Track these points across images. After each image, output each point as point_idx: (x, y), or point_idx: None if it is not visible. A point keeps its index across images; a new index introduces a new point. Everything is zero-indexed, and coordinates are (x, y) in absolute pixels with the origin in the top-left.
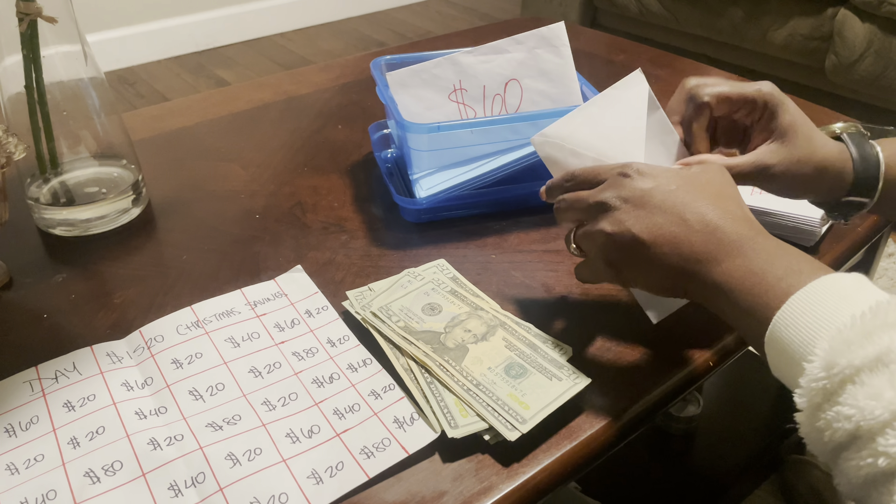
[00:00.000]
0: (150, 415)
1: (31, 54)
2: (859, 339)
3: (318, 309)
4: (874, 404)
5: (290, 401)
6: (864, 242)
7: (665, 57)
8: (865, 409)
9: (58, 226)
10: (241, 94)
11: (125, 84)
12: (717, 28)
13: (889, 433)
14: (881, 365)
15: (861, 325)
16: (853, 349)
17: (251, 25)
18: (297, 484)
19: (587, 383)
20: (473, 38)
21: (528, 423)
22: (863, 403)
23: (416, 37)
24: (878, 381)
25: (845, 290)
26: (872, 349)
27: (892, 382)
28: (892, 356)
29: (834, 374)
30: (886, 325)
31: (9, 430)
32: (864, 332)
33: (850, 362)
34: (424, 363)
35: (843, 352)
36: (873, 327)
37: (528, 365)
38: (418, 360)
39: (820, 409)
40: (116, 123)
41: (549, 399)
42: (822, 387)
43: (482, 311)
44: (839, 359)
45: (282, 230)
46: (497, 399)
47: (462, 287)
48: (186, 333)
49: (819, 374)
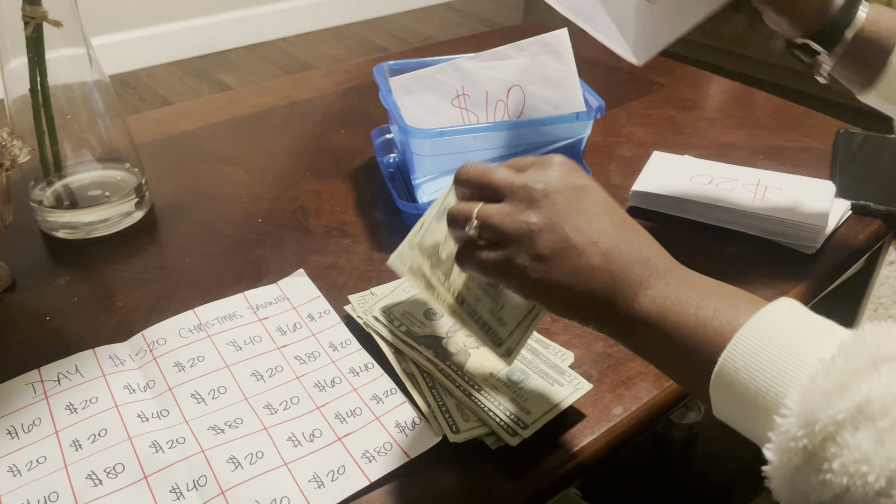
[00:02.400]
0: (152, 417)
1: (36, 57)
2: (836, 391)
3: (320, 313)
4: (866, 470)
5: (291, 404)
6: (864, 250)
7: (667, 64)
8: (856, 476)
9: (61, 228)
10: (244, 98)
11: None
12: (719, 35)
13: (885, 502)
14: (863, 419)
15: (834, 373)
16: (832, 402)
17: (254, 30)
18: (298, 488)
19: (588, 389)
20: (476, 44)
21: (529, 428)
22: (853, 469)
23: (419, 42)
24: (865, 443)
25: (789, 323)
26: (851, 401)
27: (880, 442)
28: (872, 408)
29: (815, 431)
30: (859, 371)
31: (11, 432)
32: (838, 381)
33: (831, 418)
34: (427, 367)
35: (822, 406)
36: (847, 374)
37: (529, 370)
38: (420, 364)
39: (800, 471)
40: (120, 127)
41: (550, 404)
42: (802, 447)
43: None
44: (818, 414)
45: (284, 234)
46: (499, 404)
47: None
48: (189, 337)
49: (797, 433)
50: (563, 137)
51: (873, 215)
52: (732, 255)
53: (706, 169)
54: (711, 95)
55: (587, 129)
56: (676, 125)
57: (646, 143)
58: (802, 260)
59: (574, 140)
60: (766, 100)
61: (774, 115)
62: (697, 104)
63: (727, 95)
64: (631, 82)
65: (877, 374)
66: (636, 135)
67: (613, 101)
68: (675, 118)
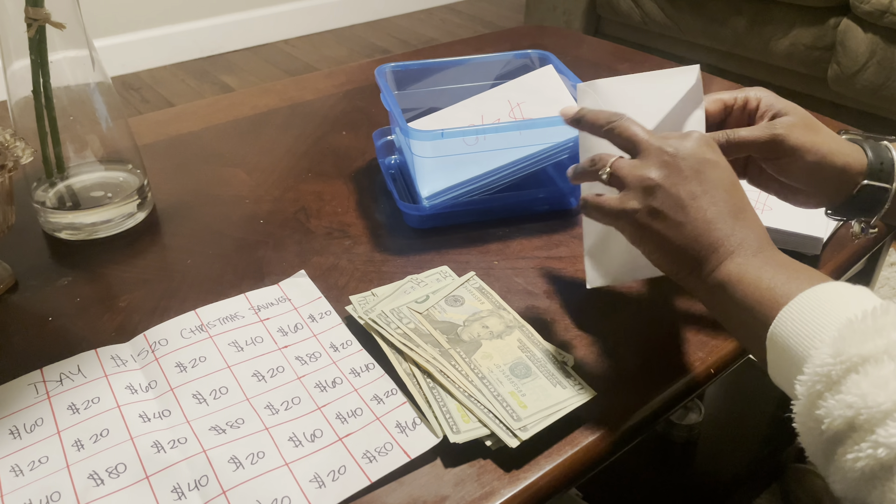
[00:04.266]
0: (154, 418)
1: (38, 59)
2: (870, 332)
3: (322, 314)
4: (877, 392)
5: (293, 405)
6: (865, 251)
7: (668, 66)
8: (868, 397)
9: (63, 229)
10: (246, 99)
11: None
12: (720, 37)
13: (890, 424)
14: (888, 358)
15: (872, 319)
16: (862, 339)
17: (256, 32)
18: (299, 487)
19: (591, 397)
20: (477, 46)
21: (528, 430)
22: (866, 391)
23: (420, 44)
24: (883, 372)
25: (849, 292)
26: (882, 342)
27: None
28: None
29: (841, 360)
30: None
31: (13, 432)
32: (874, 326)
33: (857, 351)
34: (426, 369)
35: (853, 341)
36: (883, 323)
37: (535, 367)
38: (420, 365)
39: (821, 396)
40: (123, 128)
41: (548, 402)
42: (827, 373)
43: (504, 312)
44: (848, 347)
45: (286, 235)
46: (497, 395)
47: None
48: (190, 337)
49: (826, 360)
50: (564, 139)
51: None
52: None
53: None
54: None
55: None
56: None
57: None
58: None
59: (574, 141)
60: None
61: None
62: None
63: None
64: None
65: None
66: None
67: None
68: None
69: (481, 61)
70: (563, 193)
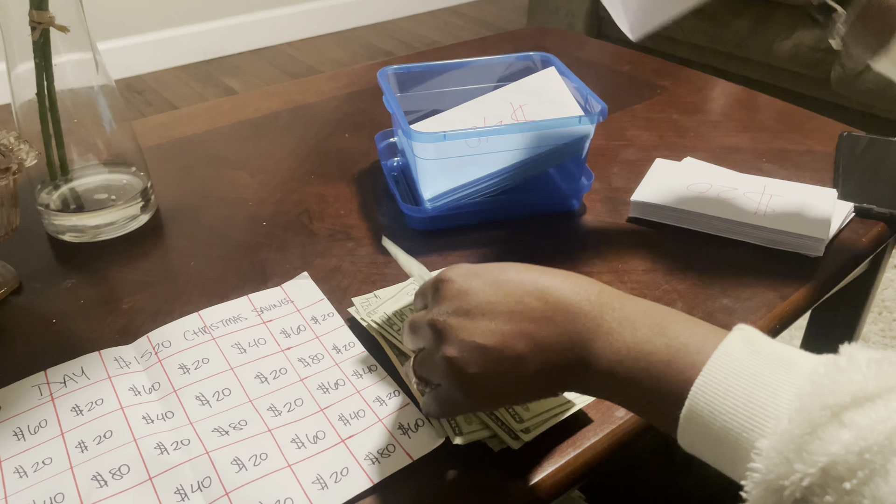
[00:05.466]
0: (157, 419)
1: (42, 62)
2: (797, 455)
3: (324, 315)
4: None
5: (295, 406)
6: (868, 253)
7: (670, 67)
8: None
9: (67, 232)
10: (249, 102)
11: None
12: (723, 39)
13: None
14: (830, 480)
15: (795, 439)
16: (796, 468)
17: (259, 34)
18: (302, 489)
19: (588, 402)
20: (479, 48)
21: (530, 432)
22: None
23: (423, 46)
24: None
25: (746, 366)
26: (815, 465)
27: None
28: (838, 469)
29: (784, 497)
30: (819, 428)
31: (17, 434)
32: (798, 446)
33: (797, 484)
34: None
35: (786, 473)
36: (806, 436)
37: None
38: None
39: None
40: (126, 131)
41: (551, 405)
42: (790, 494)
43: None
44: (784, 482)
45: (288, 237)
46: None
47: None
48: (193, 339)
49: (768, 501)
50: (565, 140)
51: (876, 218)
52: (734, 259)
53: (707, 176)
54: (715, 99)
55: (590, 132)
56: (679, 128)
57: (649, 147)
58: (805, 263)
59: (577, 143)
60: (769, 103)
61: (778, 119)
62: (700, 108)
63: (730, 99)
64: (634, 86)
65: (838, 427)
66: (639, 138)
67: (616, 105)
68: (679, 121)
69: (484, 63)
70: (565, 196)
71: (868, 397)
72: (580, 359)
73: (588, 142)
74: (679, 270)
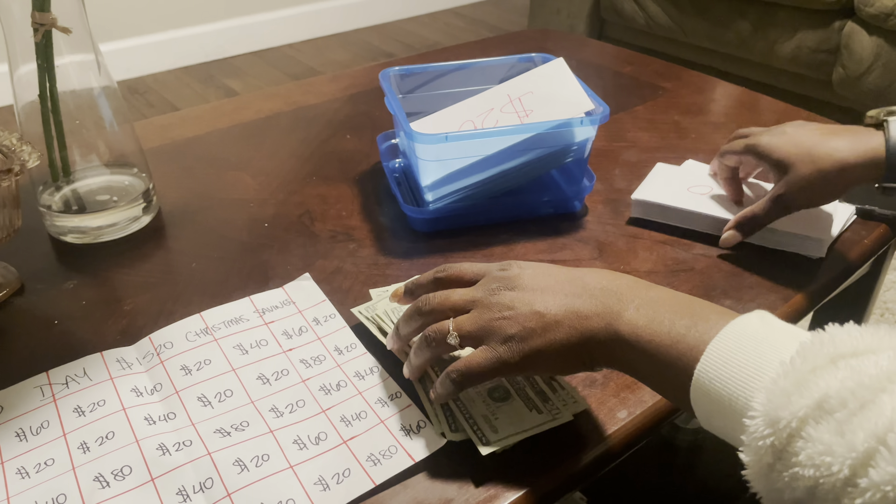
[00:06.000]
0: (159, 420)
1: (45, 64)
2: (796, 388)
3: (326, 317)
4: (829, 461)
5: (297, 408)
6: (870, 254)
7: (672, 69)
8: (822, 467)
9: (69, 233)
10: (251, 103)
11: (135, 94)
12: (725, 40)
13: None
14: (824, 413)
15: (793, 373)
16: (792, 400)
17: (260, 36)
18: (304, 490)
19: (566, 421)
20: (481, 50)
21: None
22: (818, 461)
23: (425, 48)
24: (826, 436)
25: (758, 332)
26: (811, 397)
27: (840, 433)
28: (831, 402)
29: (780, 429)
30: (817, 369)
31: (19, 435)
32: (797, 379)
33: (793, 414)
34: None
35: (783, 404)
36: (804, 373)
37: (513, 391)
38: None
39: (773, 469)
40: (128, 132)
41: (520, 427)
42: (770, 444)
43: None
44: (780, 412)
45: (290, 238)
46: (469, 417)
47: None
48: (195, 340)
49: (764, 432)
50: (567, 142)
51: (878, 219)
52: (736, 260)
53: (708, 179)
54: (716, 100)
55: (592, 133)
56: (681, 130)
57: (650, 148)
58: (807, 265)
59: (579, 144)
60: (771, 105)
61: (780, 120)
62: (702, 109)
63: (732, 100)
64: (636, 87)
65: (834, 369)
66: (641, 140)
67: (618, 106)
68: (680, 123)
69: (485, 65)
70: (567, 197)
71: (867, 350)
72: (611, 332)
73: (590, 143)
74: (681, 272)
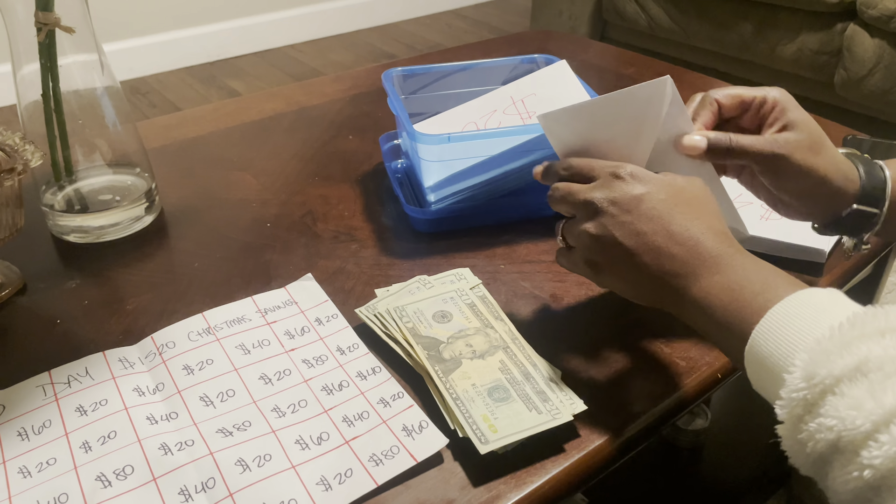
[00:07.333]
0: (161, 420)
1: (48, 63)
2: (838, 350)
3: (328, 317)
4: (855, 414)
5: (299, 408)
6: (871, 258)
7: (674, 70)
8: (847, 419)
9: (72, 232)
10: (253, 104)
11: (137, 94)
12: (726, 42)
13: (872, 445)
14: (860, 374)
15: (839, 336)
16: (832, 359)
17: (263, 37)
18: (305, 490)
19: (565, 421)
20: (483, 51)
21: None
22: (844, 414)
23: (427, 49)
24: (857, 392)
25: (821, 303)
26: (851, 359)
27: (871, 392)
28: (869, 365)
29: (814, 384)
30: (864, 336)
31: (21, 434)
32: (842, 342)
33: (829, 372)
34: (424, 367)
35: (823, 362)
36: (851, 338)
37: (513, 391)
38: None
39: (801, 420)
40: (131, 132)
41: (519, 427)
42: (803, 397)
43: (491, 330)
44: (819, 369)
45: (292, 239)
46: (469, 416)
47: (485, 303)
48: (198, 340)
49: (799, 385)
50: None
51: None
52: None
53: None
54: None
55: None
56: None
57: None
58: (809, 267)
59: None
60: None
61: None
62: None
63: None
64: None
65: (881, 339)
66: None
67: None
68: None
69: (488, 66)
70: None
71: None
72: (684, 283)
73: None
74: None
